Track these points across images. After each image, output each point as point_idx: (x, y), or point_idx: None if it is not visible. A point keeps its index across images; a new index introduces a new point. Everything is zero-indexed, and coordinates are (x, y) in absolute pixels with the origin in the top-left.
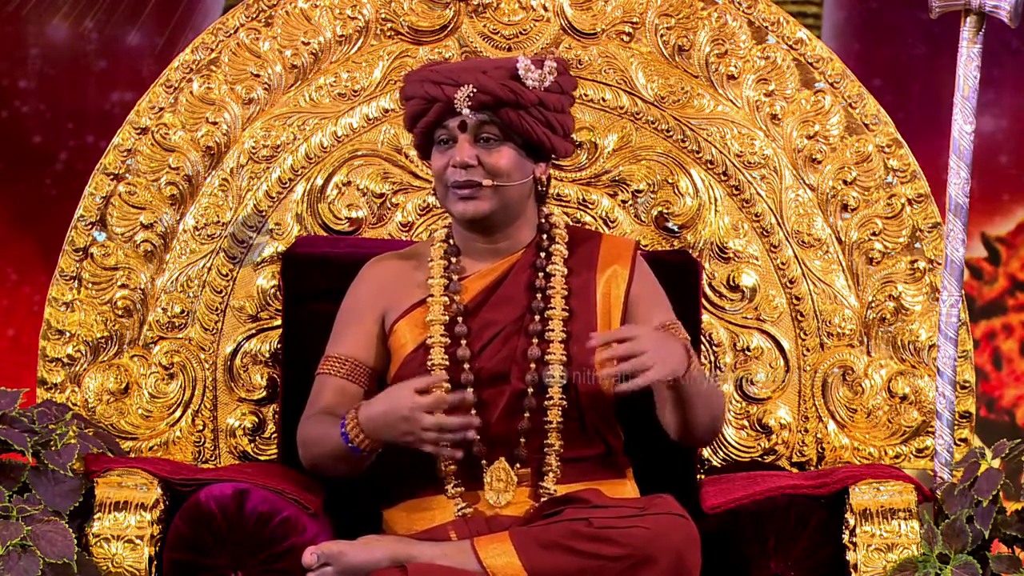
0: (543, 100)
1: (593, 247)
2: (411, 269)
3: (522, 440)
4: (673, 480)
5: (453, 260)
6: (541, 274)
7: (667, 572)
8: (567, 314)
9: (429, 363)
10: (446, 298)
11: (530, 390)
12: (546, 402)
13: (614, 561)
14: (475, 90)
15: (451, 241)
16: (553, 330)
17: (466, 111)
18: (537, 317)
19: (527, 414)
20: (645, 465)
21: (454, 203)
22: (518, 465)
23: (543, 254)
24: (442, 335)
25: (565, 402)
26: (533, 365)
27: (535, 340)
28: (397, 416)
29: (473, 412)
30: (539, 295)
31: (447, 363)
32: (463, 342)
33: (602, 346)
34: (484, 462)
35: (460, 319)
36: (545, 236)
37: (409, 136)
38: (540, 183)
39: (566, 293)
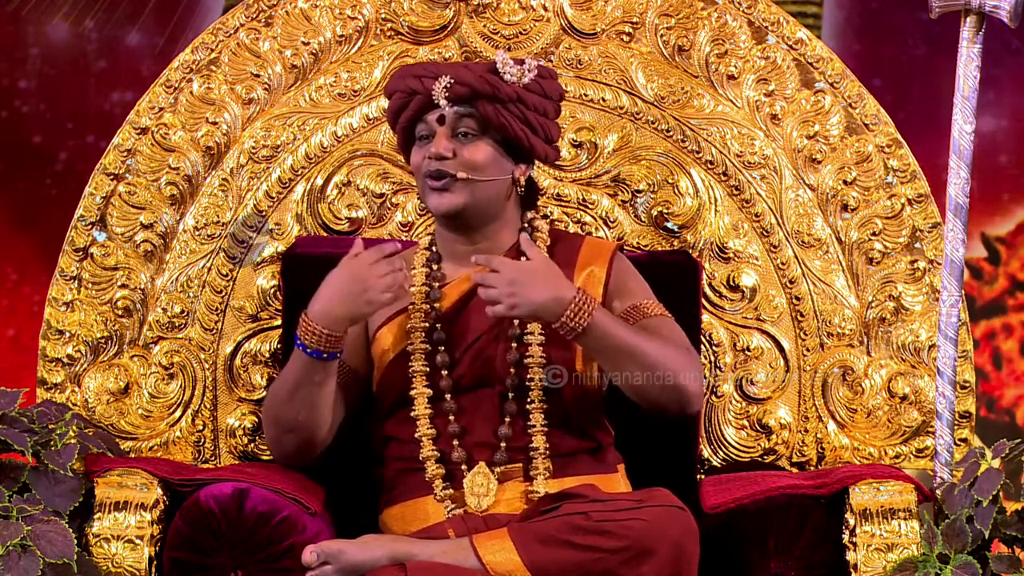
0: (522, 97)
1: (574, 249)
2: None
3: (502, 444)
4: (673, 480)
5: (434, 267)
6: None
7: (666, 563)
8: None
9: (410, 370)
10: (426, 306)
11: (511, 394)
12: (528, 405)
13: (613, 554)
14: (452, 81)
15: (434, 248)
16: (532, 333)
17: (443, 102)
18: (516, 321)
19: (507, 418)
20: (644, 465)
21: (429, 196)
22: (499, 469)
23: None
24: (422, 342)
25: (547, 404)
26: (513, 369)
27: (514, 344)
28: (348, 280)
29: (452, 419)
30: None
31: (427, 369)
32: (441, 348)
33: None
34: (464, 467)
35: (439, 326)
36: None
37: None
38: (519, 184)
39: None
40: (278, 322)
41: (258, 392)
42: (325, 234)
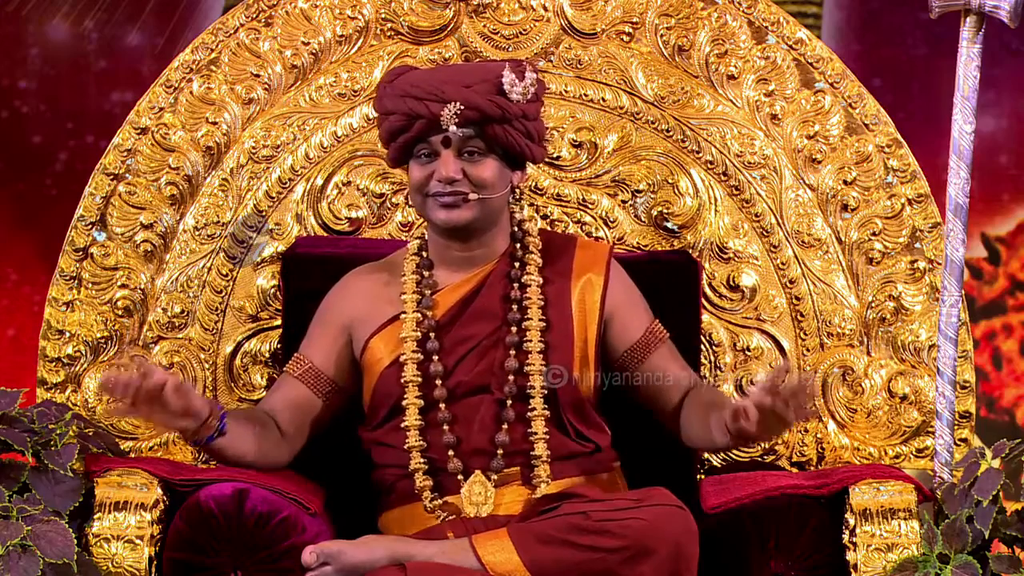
0: (525, 112)
1: (568, 255)
2: (384, 284)
3: (499, 451)
4: (673, 480)
5: (426, 274)
6: (516, 285)
7: (666, 563)
8: (544, 324)
9: (402, 379)
10: (418, 314)
11: (509, 402)
12: (529, 413)
13: (613, 553)
14: (462, 107)
15: (424, 253)
16: (531, 341)
17: (452, 128)
18: (514, 329)
19: (505, 426)
20: (644, 465)
21: (435, 212)
22: (496, 475)
23: (517, 264)
24: (414, 351)
25: (548, 412)
26: (512, 377)
27: (513, 352)
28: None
29: (446, 428)
30: (515, 307)
31: (420, 379)
32: (435, 358)
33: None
34: (460, 477)
35: (432, 335)
36: (519, 245)
37: None
38: (516, 189)
39: (542, 303)
40: (278, 322)
41: (258, 392)
42: (325, 234)
